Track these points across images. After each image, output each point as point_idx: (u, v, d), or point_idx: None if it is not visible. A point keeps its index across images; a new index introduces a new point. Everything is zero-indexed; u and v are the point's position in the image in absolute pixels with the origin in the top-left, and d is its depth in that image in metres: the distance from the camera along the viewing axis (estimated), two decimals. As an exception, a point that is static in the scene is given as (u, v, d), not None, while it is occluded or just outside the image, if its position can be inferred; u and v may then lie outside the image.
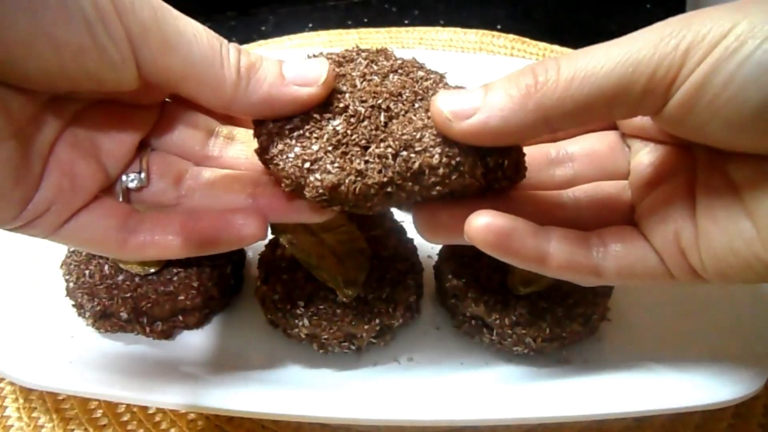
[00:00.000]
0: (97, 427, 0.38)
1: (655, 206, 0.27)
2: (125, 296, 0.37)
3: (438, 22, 0.81)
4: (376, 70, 0.28)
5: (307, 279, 0.38)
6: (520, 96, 0.23)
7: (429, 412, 0.32)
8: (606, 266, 0.27)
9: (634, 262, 0.27)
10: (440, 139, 0.25)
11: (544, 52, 0.74)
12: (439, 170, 0.25)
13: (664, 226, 0.26)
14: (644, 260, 0.27)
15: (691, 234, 0.25)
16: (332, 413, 0.32)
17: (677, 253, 0.26)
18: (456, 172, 0.26)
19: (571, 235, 0.27)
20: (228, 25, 0.86)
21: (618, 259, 0.27)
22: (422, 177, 0.26)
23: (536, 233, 0.26)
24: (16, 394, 0.40)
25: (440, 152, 0.25)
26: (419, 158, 0.25)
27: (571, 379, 0.36)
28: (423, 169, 0.25)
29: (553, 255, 0.26)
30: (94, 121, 0.27)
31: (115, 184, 0.29)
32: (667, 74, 0.22)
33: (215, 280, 0.39)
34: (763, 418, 0.39)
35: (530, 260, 0.26)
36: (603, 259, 0.27)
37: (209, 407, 0.33)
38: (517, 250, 0.26)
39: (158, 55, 0.24)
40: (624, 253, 0.27)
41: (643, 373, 0.35)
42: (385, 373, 0.38)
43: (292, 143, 0.26)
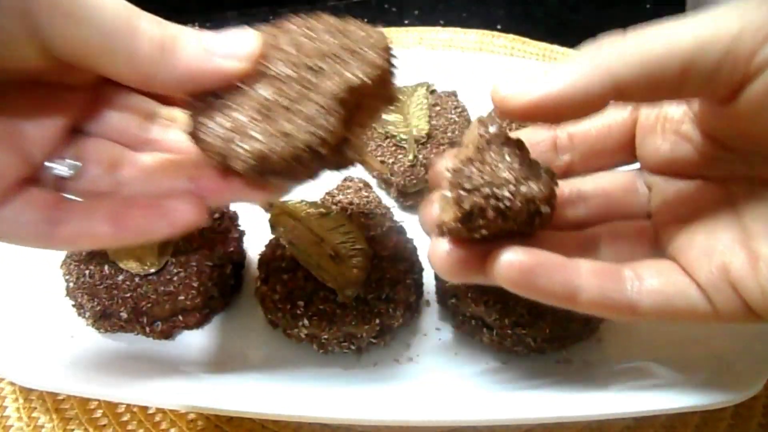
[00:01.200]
0: (97, 427, 0.38)
1: (696, 241, 0.26)
2: (125, 296, 0.37)
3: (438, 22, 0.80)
4: (308, 34, 0.26)
5: (307, 279, 0.38)
6: (587, 58, 0.22)
7: (429, 412, 0.32)
8: (642, 302, 0.25)
9: (673, 297, 0.25)
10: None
11: (544, 52, 0.74)
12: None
13: (709, 260, 0.24)
14: (685, 296, 0.25)
15: (744, 264, 0.24)
16: (332, 413, 0.32)
17: (727, 287, 0.24)
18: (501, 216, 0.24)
19: (602, 268, 0.25)
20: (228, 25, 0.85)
21: (655, 294, 0.25)
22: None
23: (564, 267, 0.25)
24: (16, 394, 0.40)
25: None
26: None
27: (571, 379, 0.36)
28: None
29: (584, 290, 0.24)
30: (11, 105, 0.25)
31: (42, 173, 0.26)
32: (753, 40, 0.20)
33: (215, 280, 0.39)
34: (763, 418, 0.39)
35: (559, 298, 0.25)
36: (638, 293, 0.25)
37: (209, 407, 0.33)
38: (545, 287, 0.24)
39: (64, 27, 0.21)
40: (662, 288, 0.25)
41: (643, 373, 0.35)
42: (385, 373, 0.38)
43: (216, 116, 0.24)
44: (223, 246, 0.41)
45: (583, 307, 0.25)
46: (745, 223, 0.25)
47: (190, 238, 0.40)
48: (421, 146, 0.49)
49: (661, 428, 0.38)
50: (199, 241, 0.40)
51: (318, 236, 0.40)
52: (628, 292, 0.25)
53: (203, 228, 0.42)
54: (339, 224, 0.41)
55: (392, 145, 0.50)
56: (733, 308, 0.24)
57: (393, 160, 0.49)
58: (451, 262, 0.26)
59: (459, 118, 0.53)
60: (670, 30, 0.22)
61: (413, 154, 0.48)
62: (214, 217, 0.43)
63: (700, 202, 0.27)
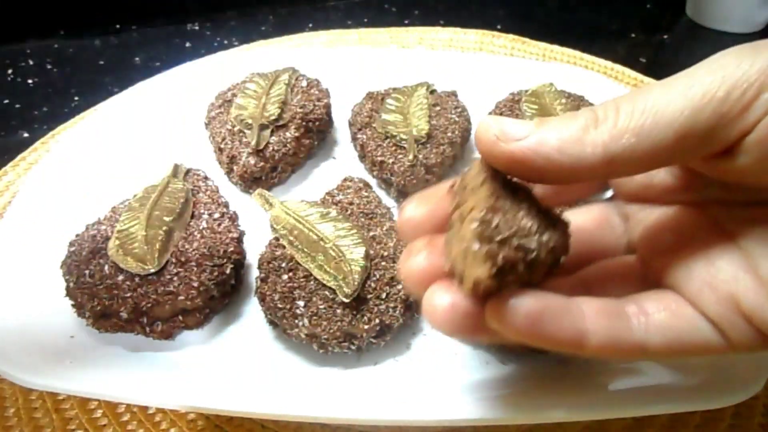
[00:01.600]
0: (97, 427, 0.38)
1: (694, 271, 0.24)
2: (125, 296, 0.37)
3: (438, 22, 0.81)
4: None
5: (307, 279, 0.38)
6: (580, 127, 0.21)
7: (429, 412, 0.32)
8: (651, 340, 0.23)
9: (684, 332, 0.23)
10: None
11: (544, 52, 0.74)
12: None
13: (714, 291, 0.23)
14: (697, 329, 0.23)
15: (754, 293, 0.22)
16: (332, 413, 0.32)
17: (739, 319, 0.22)
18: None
19: (606, 305, 0.23)
20: (228, 25, 0.85)
21: (665, 330, 0.23)
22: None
23: (570, 309, 0.23)
24: (16, 394, 0.40)
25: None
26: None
27: (571, 379, 0.36)
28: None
29: (592, 334, 0.22)
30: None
31: None
32: (742, 96, 0.20)
33: (215, 280, 0.39)
34: (763, 418, 0.39)
35: (567, 344, 0.22)
36: (646, 331, 0.23)
37: (209, 407, 0.33)
38: (553, 335, 0.22)
39: None
40: (671, 323, 0.23)
41: (643, 373, 0.35)
42: (385, 373, 0.38)
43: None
44: (223, 246, 0.41)
45: (592, 352, 0.23)
46: (742, 246, 0.23)
47: (190, 238, 0.41)
48: (421, 146, 0.49)
49: (661, 428, 0.38)
50: (199, 241, 0.40)
51: (318, 236, 0.40)
52: (635, 331, 0.23)
53: (203, 228, 0.42)
54: (339, 224, 0.41)
55: (392, 145, 0.50)
56: (749, 339, 0.22)
57: (393, 160, 0.49)
58: (456, 317, 0.23)
59: (459, 118, 0.53)
60: (660, 100, 0.21)
61: (413, 154, 0.48)
62: (214, 217, 0.43)
63: (686, 229, 0.26)
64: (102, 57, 0.80)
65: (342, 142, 0.57)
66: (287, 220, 0.42)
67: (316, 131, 0.54)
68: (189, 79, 0.60)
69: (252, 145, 0.49)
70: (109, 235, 0.41)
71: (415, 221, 0.26)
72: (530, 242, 0.22)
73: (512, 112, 0.53)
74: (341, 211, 0.43)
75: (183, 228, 0.41)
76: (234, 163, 0.50)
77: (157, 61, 0.78)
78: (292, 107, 0.53)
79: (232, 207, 0.46)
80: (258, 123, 0.51)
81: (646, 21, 0.86)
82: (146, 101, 0.58)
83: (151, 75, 0.62)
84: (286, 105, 0.53)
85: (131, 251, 0.39)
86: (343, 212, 0.43)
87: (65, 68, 0.77)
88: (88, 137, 0.53)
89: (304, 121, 0.52)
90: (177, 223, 0.41)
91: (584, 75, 0.60)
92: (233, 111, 0.52)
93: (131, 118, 0.56)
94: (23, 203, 0.46)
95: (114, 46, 0.82)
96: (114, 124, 0.55)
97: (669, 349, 0.23)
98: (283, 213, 0.42)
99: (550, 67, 0.64)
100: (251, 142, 0.50)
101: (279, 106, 0.52)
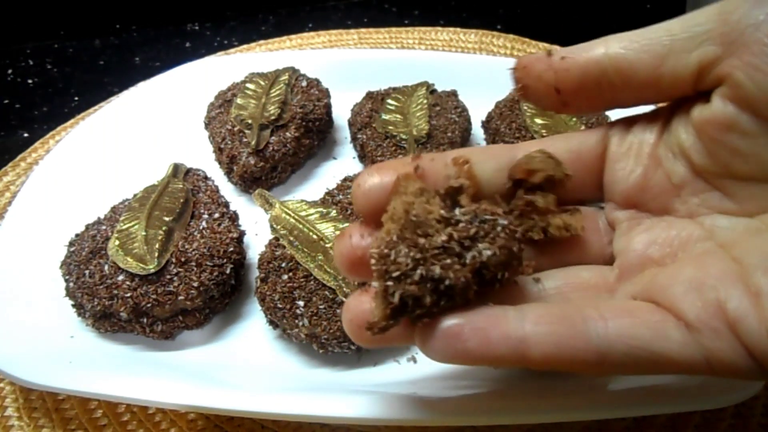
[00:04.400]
0: (97, 427, 0.38)
1: (681, 275, 0.22)
2: (125, 296, 0.37)
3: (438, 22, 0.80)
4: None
5: (307, 279, 0.38)
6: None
7: (429, 412, 0.32)
8: (613, 350, 0.20)
9: (652, 341, 0.21)
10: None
11: (544, 52, 0.74)
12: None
13: (699, 294, 0.21)
14: (666, 338, 0.21)
15: (743, 301, 0.20)
16: (332, 413, 0.32)
17: (723, 326, 0.20)
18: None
19: (554, 310, 0.21)
20: (228, 25, 0.85)
21: (628, 337, 0.21)
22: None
23: (501, 319, 0.20)
24: (16, 394, 0.40)
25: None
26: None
27: (571, 379, 0.36)
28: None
29: (534, 342, 0.20)
30: None
31: None
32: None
33: (215, 280, 0.39)
34: (763, 418, 0.39)
35: (506, 359, 0.20)
36: (606, 338, 0.21)
37: (209, 407, 0.33)
38: (481, 351, 0.20)
39: None
40: (636, 330, 0.21)
41: (643, 373, 0.35)
42: (385, 373, 0.38)
43: None
44: (223, 246, 0.41)
45: (538, 364, 0.20)
46: (736, 255, 0.22)
47: (190, 238, 0.41)
48: (421, 146, 0.49)
49: (661, 428, 0.38)
50: (199, 241, 0.40)
51: (318, 236, 0.40)
52: (592, 338, 0.20)
53: (203, 228, 0.42)
54: (339, 224, 0.41)
55: (392, 145, 0.50)
56: (730, 353, 0.20)
57: (393, 160, 0.49)
58: (364, 333, 0.22)
59: (459, 118, 0.53)
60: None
61: (413, 154, 0.48)
62: (214, 217, 0.43)
63: (676, 239, 0.24)
64: (102, 57, 0.80)
65: (342, 142, 0.57)
66: (287, 220, 0.42)
67: (316, 131, 0.54)
68: (189, 79, 0.60)
69: (252, 145, 0.49)
70: (109, 235, 0.41)
71: (373, 193, 0.24)
72: (438, 269, 0.20)
73: (512, 112, 0.53)
74: (341, 211, 0.43)
75: (183, 228, 0.41)
76: (234, 163, 0.50)
77: (157, 61, 0.78)
78: (292, 107, 0.53)
79: (232, 207, 0.46)
80: (258, 123, 0.51)
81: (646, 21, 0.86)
82: (146, 101, 0.58)
83: (151, 75, 0.62)
84: (286, 105, 0.53)
85: (131, 251, 0.39)
86: (343, 212, 0.43)
87: (65, 68, 0.77)
88: (88, 137, 0.53)
89: (304, 121, 0.52)
90: (177, 223, 0.41)
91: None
92: (233, 111, 0.53)
93: (131, 118, 0.56)
94: (23, 203, 0.46)
95: (114, 46, 0.82)
96: (114, 124, 0.55)
97: (634, 360, 0.21)
98: (283, 213, 0.42)
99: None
100: (251, 142, 0.50)
101: (279, 106, 0.52)
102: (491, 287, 0.22)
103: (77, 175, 0.50)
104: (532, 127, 0.50)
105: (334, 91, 0.57)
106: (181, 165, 0.48)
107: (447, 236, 0.21)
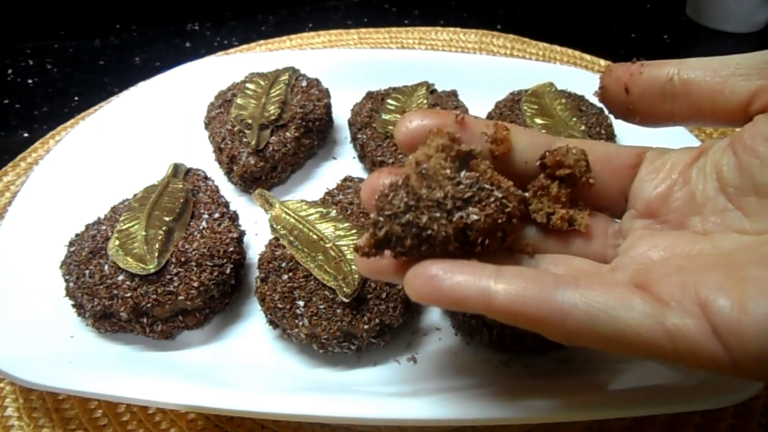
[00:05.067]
0: (97, 427, 0.38)
1: (666, 267, 0.23)
2: (125, 296, 0.37)
3: (438, 22, 0.80)
4: None
5: (307, 279, 0.38)
6: None
7: (429, 412, 0.32)
8: (576, 310, 0.21)
9: (615, 308, 0.21)
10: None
11: (544, 52, 0.74)
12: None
13: (677, 276, 0.22)
14: (629, 307, 0.21)
15: (721, 282, 0.21)
16: (332, 413, 0.32)
17: (692, 303, 0.21)
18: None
19: (530, 271, 0.23)
20: (228, 25, 0.85)
21: (592, 301, 0.21)
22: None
23: (477, 269, 0.23)
24: (16, 394, 0.40)
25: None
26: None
27: (571, 379, 0.36)
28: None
29: (501, 291, 0.22)
30: None
31: None
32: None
33: (215, 280, 0.39)
34: (763, 418, 0.39)
35: (470, 301, 0.22)
36: (570, 299, 0.22)
37: (209, 407, 0.33)
38: (451, 290, 0.22)
39: None
40: (602, 297, 0.22)
41: (643, 373, 0.35)
42: (385, 373, 0.38)
43: None
44: (223, 246, 0.41)
45: (501, 313, 0.22)
46: (730, 255, 0.23)
47: (190, 238, 0.41)
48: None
49: (661, 428, 0.38)
50: (199, 241, 0.40)
51: (318, 236, 0.40)
52: (557, 297, 0.22)
53: (203, 228, 0.42)
54: (339, 224, 0.41)
55: (392, 145, 0.50)
56: (694, 330, 0.20)
57: (393, 160, 0.49)
58: (370, 263, 0.25)
59: (459, 118, 0.53)
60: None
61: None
62: (214, 217, 0.43)
63: (680, 247, 0.25)
64: (102, 57, 0.80)
65: (342, 142, 0.57)
66: (287, 220, 0.42)
67: (316, 131, 0.54)
68: (189, 79, 0.60)
69: (252, 145, 0.49)
70: (109, 235, 0.41)
71: (413, 132, 0.27)
72: (424, 218, 0.23)
73: (512, 112, 0.53)
74: (341, 211, 0.43)
75: (183, 228, 0.41)
76: (234, 163, 0.50)
77: (157, 61, 0.78)
78: (292, 107, 0.53)
79: (232, 207, 0.46)
80: (258, 123, 0.51)
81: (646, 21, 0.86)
82: (146, 101, 0.58)
83: (151, 75, 0.62)
84: (286, 105, 0.53)
85: (131, 251, 0.39)
86: (343, 212, 0.43)
87: (65, 68, 0.77)
88: (88, 137, 0.53)
89: (304, 121, 0.52)
90: (177, 223, 0.41)
91: (584, 75, 0.60)
92: (233, 111, 0.53)
93: (131, 118, 0.56)
94: (23, 203, 0.46)
95: (114, 46, 0.82)
96: (114, 124, 0.55)
97: (594, 326, 0.21)
98: (283, 213, 0.42)
99: (550, 67, 0.64)
100: (251, 142, 0.50)
101: (279, 106, 0.52)
102: (473, 249, 0.24)
103: (77, 175, 0.50)
104: (532, 127, 0.50)
105: (334, 91, 0.57)
106: (181, 165, 0.48)
107: (444, 193, 0.23)
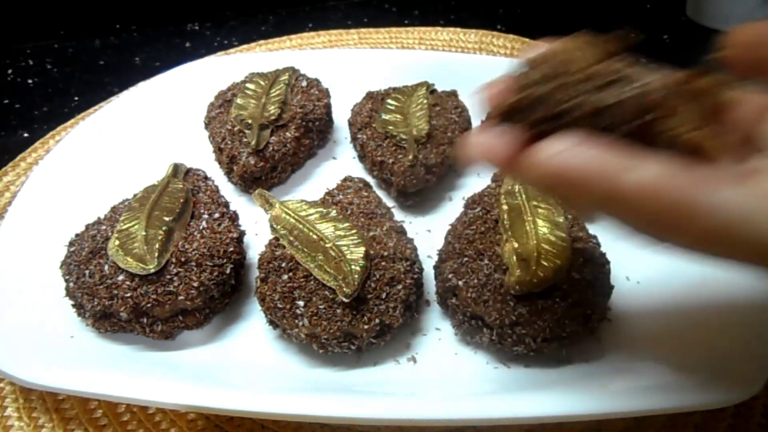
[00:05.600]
0: (97, 427, 0.38)
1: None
2: (125, 296, 0.37)
3: (438, 22, 0.80)
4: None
5: (307, 279, 0.38)
6: None
7: (429, 412, 0.32)
8: (718, 210, 0.19)
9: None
10: None
11: (544, 52, 0.74)
12: None
13: None
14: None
15: None
16: (332, 413, 0.32)
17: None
18: None
19: (669, 161, 0.21)
20: (228, 25, 0.85)
21: (745, 204, 0.19)
22: None
23: (610, 146, 0.21)
24: (16, 394, 0.40)
25: None
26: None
27: (571, 379, 0.36)
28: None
29: (637, 170, 0.20)
30: None
31: None
32: None
33: (215, 280, 0.39)
34: (763, 418, 0.39)
35: (594, 180, 0.21)
36: (724, 196, 0.19)
37: (209, 407, 0.33)
38: (576, 166, 0.21)
39: None
40: (756, 199, 0.19)
41: (643, 373, 0.35)
42: (385, 373, 0.38)
43: None
44: (223, 246, 0.41)
45: (626, 195, 0.20)
46: None
47: (190, 238, 0.41)
48: (421, 146, 0.49)
49: (661, 428, 0.38)
50: (199, 241, 0.40)
51: (318, 236, 0.40)
52: (699, 190, 0.19)
53: (203, 228, 0.42)
54: (339, 224, 0.41)
55: (392, 145, 0.50)
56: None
57: (393, 160, 0.49)
58: (494, 142, 0.24)
59: (459, 118, 0.53)
60: None
61: (413, 154, 0.48)
62: (214, 217, 0.43)
63: None
64: (102, 57, 0.80)
65: (342, 142, 0.57)
66: (287, 220, 0.42)
67: (316, 131, 0.54)
68: (189, 79, 0.60)
69: (252, 145, 0.49)
70: (109, 235, 0.41)
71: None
72: (540, 90, 0.23)
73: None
74: (341, 211, 0.43)
75: (183, 228, 0.41)
76: (234, 163, 0.50)
77: (157, 61, 0.78)
78: (292, 107, 0.53)
79: (232, 207, 0.46)
80: (258, 123, 0.51)
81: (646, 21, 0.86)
82: (146, 101, 0.58)
83: (151, 75, 0.62)
84: (286, 105, 0.53)
85: (131, 251, 0.39)
86: (343, 212, 0.43)
87: (65, 68, 0.77)
88: (88, 137, 0.53)
89: (304, 121, 0.52)
90: (177, 223, 0.41)
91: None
92: (233, 111, 0.52)
93: (131, 118, 0.56)
94: (23, 203, 0.46)
95: (114, 46, 0.82)
96: (114, 124, 0.55)
97: (739, 228, 0.19)
98: (283, 213, 0.42)
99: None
100: (251, 142, 0.50)
101: (279, 106, 0.52)
102: (614, 128, 0.22)
103: (77, 175, 0.50)
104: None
105: (334, 91, 0.57)
106: (181, 165, 0.48)
107: (576, 79, 0.23)
